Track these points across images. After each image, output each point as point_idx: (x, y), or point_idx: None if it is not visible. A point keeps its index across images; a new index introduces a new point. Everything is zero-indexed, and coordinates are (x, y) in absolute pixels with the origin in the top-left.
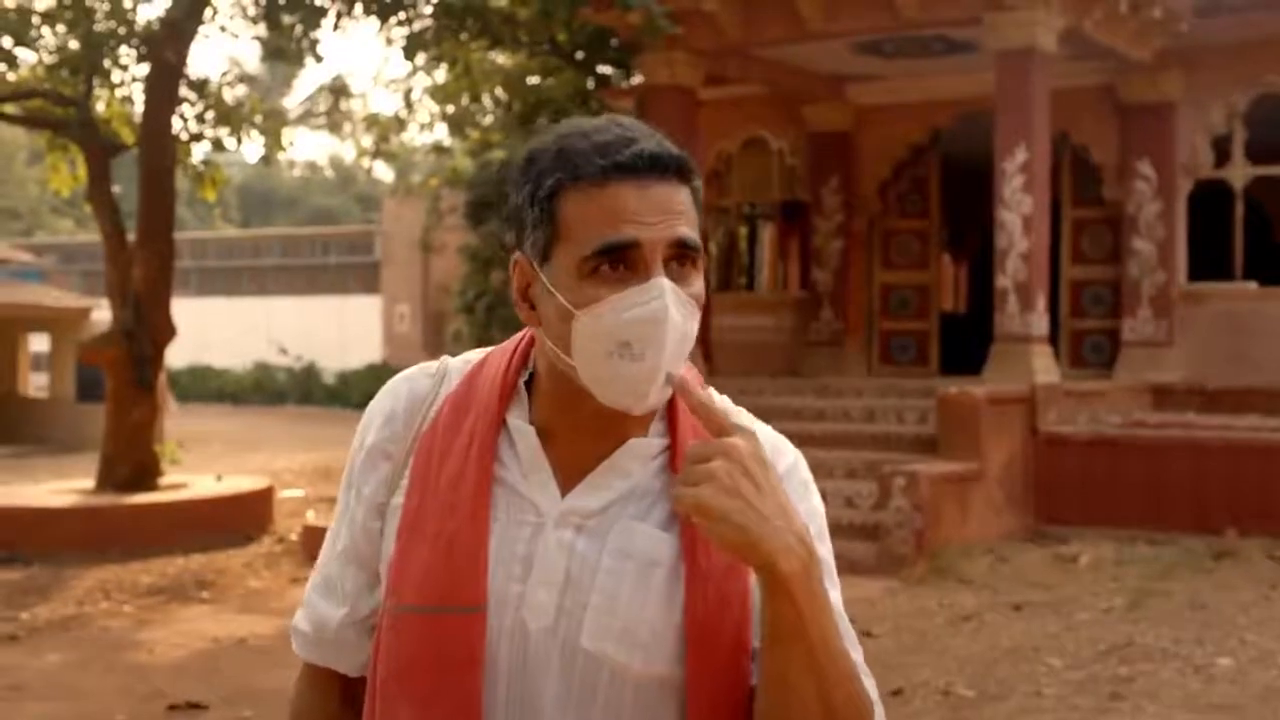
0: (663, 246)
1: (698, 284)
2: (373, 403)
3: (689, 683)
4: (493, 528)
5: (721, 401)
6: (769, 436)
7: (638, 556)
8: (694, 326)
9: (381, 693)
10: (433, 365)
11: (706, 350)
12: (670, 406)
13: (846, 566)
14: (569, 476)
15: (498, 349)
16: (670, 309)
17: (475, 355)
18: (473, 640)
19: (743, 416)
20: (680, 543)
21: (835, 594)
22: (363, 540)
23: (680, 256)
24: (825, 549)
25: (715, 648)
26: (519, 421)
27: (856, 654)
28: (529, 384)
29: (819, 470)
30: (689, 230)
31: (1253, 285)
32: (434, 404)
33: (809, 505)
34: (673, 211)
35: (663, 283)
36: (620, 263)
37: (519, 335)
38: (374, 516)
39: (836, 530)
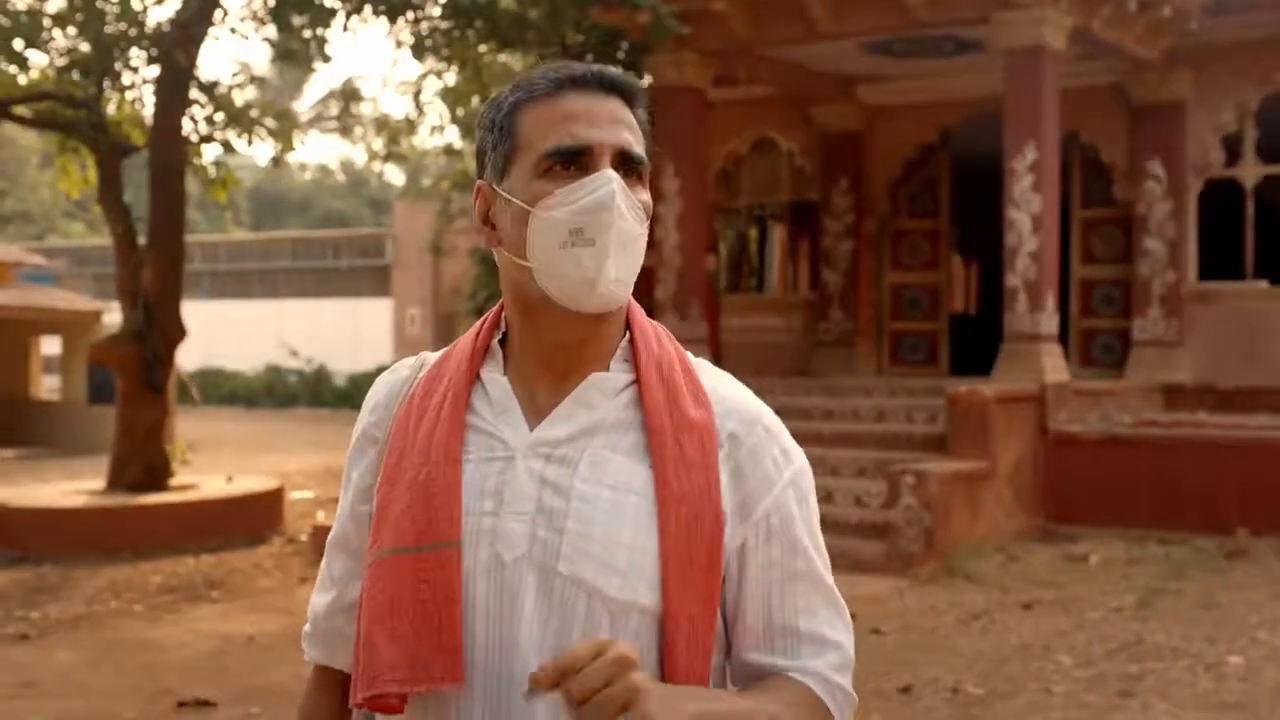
0: (610, 151)
1: (645, 195)
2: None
3: (666, 604)
4: (465, 468)
5: (696, 361)
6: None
7: (612, 484)
8: (643, 231)
9: (365, 638)
10: (413, 358)
11: (716, 351)
12: (632, 345)
13: (856, 565)
14: (539, 416)
15: (470, 328)
16: (617, 195)
17: None
18: (450, 577)
19: (721, 380)
20: (652, 471)
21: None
22: (352, 527)
23: (627, 169)
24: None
25: (690, 568)
26: (492, 374)
27: (846, 636)
28: (503, 344)
29: (829, 469)
30: (635, 143)
31: (1264, 284)
32: (413, 386)
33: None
34: (620, 121)
35: (609, 173)
36: (572, 164)
37: (490, 310)
38: (363, 499)
39: (845, 529)
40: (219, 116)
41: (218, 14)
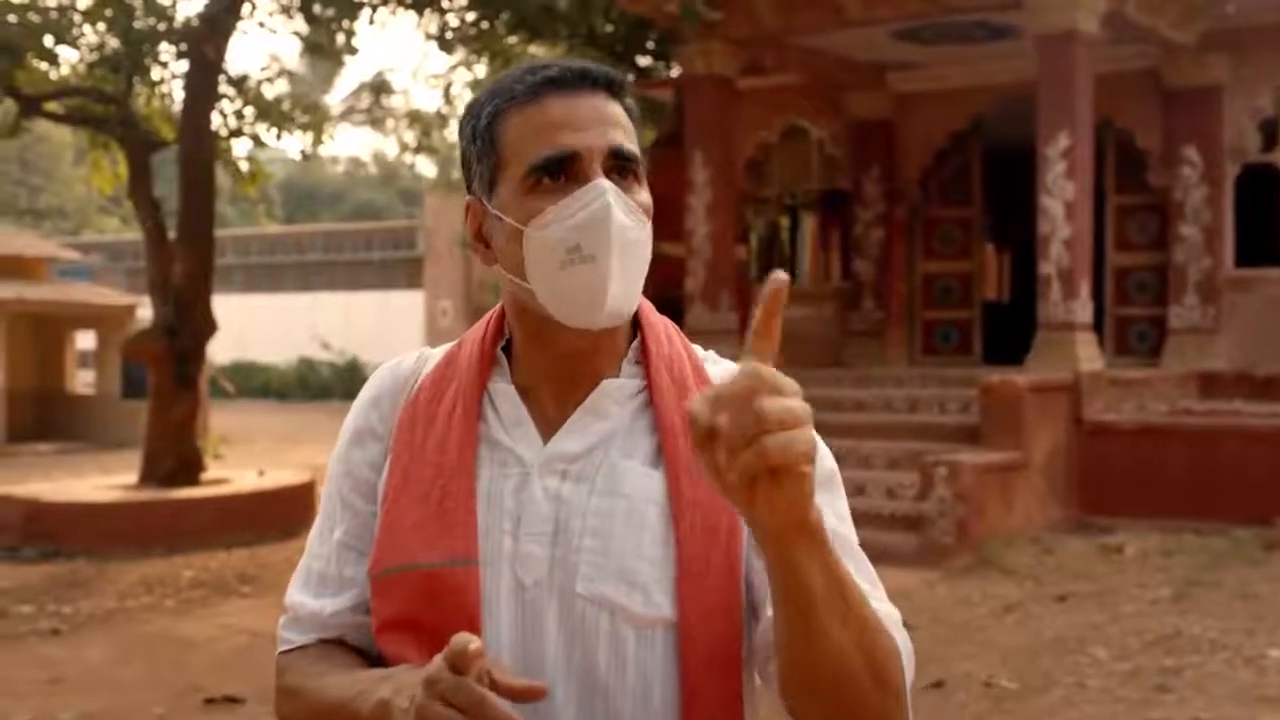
0: (600, 155)
1: (643, 195)
2: (360, 393)
3: (680, 617)
4: (479, 483)
5: (704, 354)
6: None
7: (628, 495)
8: (646, 235)
9: (389, 656)
10: (413, 353)
11: None
12: (642, 347)
13: (888, 557)
14: (550, 426)
15: (473, 328)
16: (613, 206)
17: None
18: (469, 595)
19: (730, 371)
20: (666, 478)
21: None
22: (357, 523)
23: (621, 168)
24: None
25: (704, 578)
26: (500, 383)
27: (877, 590)
28: (508, 351)
29: (861, 461)
30: (626, 140)
31: None
32: (416, 383)
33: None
34: (607, 121)
35: (602, 183)
36: (561, 174)
37: (491, 311)
38: (367, 496)
39: (878, 521)
40: (248, 110)
41: (246, 8)
